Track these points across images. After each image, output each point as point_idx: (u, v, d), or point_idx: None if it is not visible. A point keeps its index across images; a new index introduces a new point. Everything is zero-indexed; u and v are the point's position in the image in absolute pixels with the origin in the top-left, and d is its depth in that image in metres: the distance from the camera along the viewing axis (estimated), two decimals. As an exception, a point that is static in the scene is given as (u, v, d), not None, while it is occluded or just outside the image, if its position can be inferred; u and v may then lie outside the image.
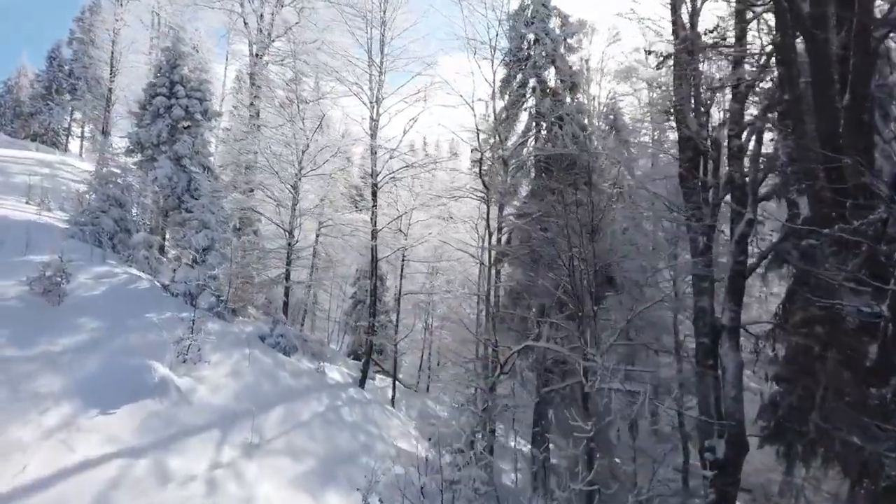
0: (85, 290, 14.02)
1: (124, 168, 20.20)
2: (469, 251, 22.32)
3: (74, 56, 56.02)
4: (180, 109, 22.93)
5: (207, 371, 13.02)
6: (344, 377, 19.21)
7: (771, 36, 16.89)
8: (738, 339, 15.68)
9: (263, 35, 26.40)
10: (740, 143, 16.22)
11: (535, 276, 18.19)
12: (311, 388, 15.71)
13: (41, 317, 11.99)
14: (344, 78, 21.07)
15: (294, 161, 21.29)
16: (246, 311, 19.94)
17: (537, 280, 17.86)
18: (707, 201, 16.64)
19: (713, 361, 15.94)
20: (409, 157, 22.75)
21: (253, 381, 13.91)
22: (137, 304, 14.78)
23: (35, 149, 42.51)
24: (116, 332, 12.75)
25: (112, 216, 18.74)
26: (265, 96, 26.62)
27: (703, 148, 16.62)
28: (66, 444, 8.51)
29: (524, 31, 24.41)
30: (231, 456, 10.34)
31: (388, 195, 22.52)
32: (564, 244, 14.80)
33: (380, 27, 21.12)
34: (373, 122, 21.11)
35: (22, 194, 23.09)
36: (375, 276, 20.72)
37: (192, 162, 22.56)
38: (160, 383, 11.09)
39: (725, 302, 15.89)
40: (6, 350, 10.38)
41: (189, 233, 17.67)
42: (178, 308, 15.74)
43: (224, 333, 15.86)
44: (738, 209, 15.85)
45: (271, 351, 16.78)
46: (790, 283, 16.71)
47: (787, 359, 16.05)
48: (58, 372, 10.44)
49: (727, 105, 18.43)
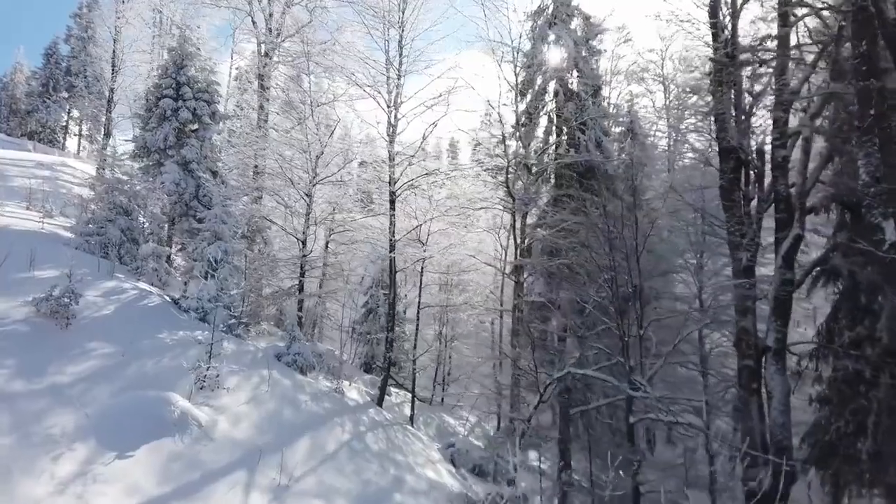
0: (94, 310, 13.14)
1: (131, 174, 19.24)
2: (490, 262, 21.46)
3: (72, 53, 54.97)
4: (188, 112, 22.03)
5: (226, 398, 12.13)
6: (362, 395, 18.33)
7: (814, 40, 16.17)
8: (784, 361, 14.86)
9: (272, 34, 25.45)
10: (785, 154, 15.40)
11: (567, 292, 17.31)
12: (333, 412, 14.83)
13: (49, 342, 11.10)
14: (361, 80, 20.08)
15: (308, 167, 20.33)
16: (258, 325, 19.05)
17: (569, 296, 16.97)
18: (749, 214, 15.81)
19: (757, 385, 15.11)
20: (428, 164, 21.77)
21: (274, 407, 13.03)
22: (149, 323, 13.89)
23: (32, 147, 41.56)
24: (129, 357, 11.86)
25: (119, 225, 17.85)
26: (274, 98, 25.71)
27: (746, 158, 15.78)
28: (84, 501, 7.60)
29: (546, 33, 23.51)
30: (260, 502, 9.45)
31: (405, 203, 21.54)
32: (606, 260, 13.89)
33: (398, 27, 20.16)
34: (390, 127, 20.17)
35: (22, 199, 22.21)
36: (394, 289, 19.75)
37: (200, 167, 21.67)
38: (180, 418, 10.20)
39: (770, 322, 15.06)
40: (13, 384, 9.48)
41: (201, 244, 16.73)
42: (191, 325, 14.89)
43: (240, 353, 14.98)
44: (783, 223, 15.04)
45: (288, 370, 15.90)
46: (835, 301, 15.91)
47: (833, 380, 15.27)
48: (69, 407, 9.54)
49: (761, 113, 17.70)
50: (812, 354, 15.99)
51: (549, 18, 23.81)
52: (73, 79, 54.30)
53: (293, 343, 16.77)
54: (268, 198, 23.78)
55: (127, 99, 33.64)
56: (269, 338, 18.68)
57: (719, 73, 16.10)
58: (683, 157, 25.76)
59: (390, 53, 20.28)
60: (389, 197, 19.86)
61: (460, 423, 23.85)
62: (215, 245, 16.60)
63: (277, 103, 25.09)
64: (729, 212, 15.73)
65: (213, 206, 18.46)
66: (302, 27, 24.03)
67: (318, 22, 24.75)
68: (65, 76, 55.08)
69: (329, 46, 22.30)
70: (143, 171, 21.54)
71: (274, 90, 25.68)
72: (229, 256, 16.90)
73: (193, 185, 21.57)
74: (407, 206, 21.63)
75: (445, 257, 22.71)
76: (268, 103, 25.04)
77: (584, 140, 21.91)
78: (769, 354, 14.88)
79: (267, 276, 21.35)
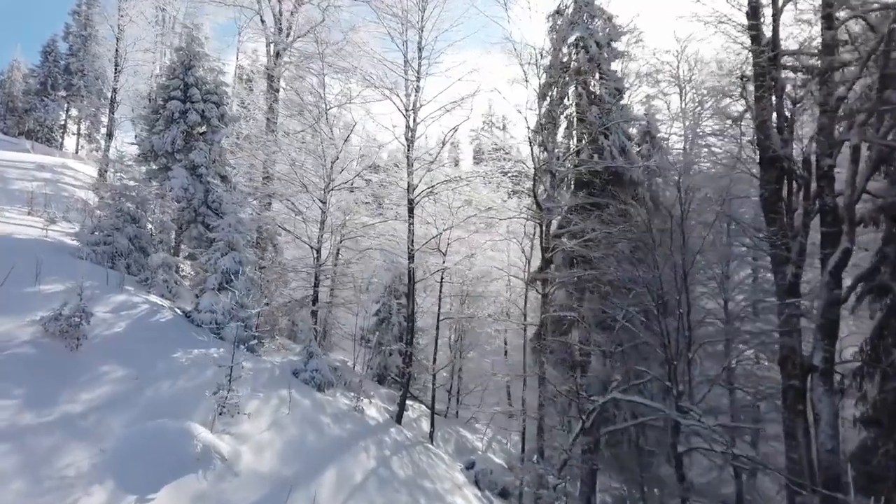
0: (105, 328, 12.30)
1: (139, 179, 18.37)
2: (514, 273, 20.63)
3: (71, 51, 53.98)
4: (196, 114, 21.23)
5: (247, 425, 11.33)
6: (380, 412, 17.52)
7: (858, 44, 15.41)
8: (832, 382, 14.12)
9: (283, 34, 24.60)
10: (831, 163, 14.66)
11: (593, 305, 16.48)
12: (355, 435, 14.03)
13: (58, 366, 10.27)
14: (379, 82, 19.23)
15: (323, 173, 19.50)
16: (272, 338, 18.24)
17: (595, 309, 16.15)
18: (792, 226, 15.08)
19: (803, 406, 14.36)
20: (447, 170, 20.95)
21: (296, 433, 12.23)
22: (163, 341, 13.08)
23: (31, 147, 40.60)
24: (144, 380, 11.04)
25: (127, 234, 16.99)
26: (283, 100, 24.82)
27: (789, 167, 15.04)
28: (106, 558, 6.80)
29: (567, 33, 22.70)
30: (295, 547, 8.66)
31: (422, 209, 20.70)
32: (650, 275, 13.06)
33: (417, 28, 19.34)
34: (409, 132, 19.35)
35: (23, 203, 21.34)
36: (412, 301, 18.88)
37: (209, 171, 20.85)
38: (203, 452, 9.38)
39: (816, 340, 14.32)
40: (23, 417, 8.65)
41: (214, 255, 15.89)
42: (205, 342, 14.13)
43: (256, 372, 14.14)
44: (830, 236, 14.29)
45: (306, 388, 15.11)
46: (881, 318, 15.17)
47: (881, 401, 14.54)
48: (83, 442, 8.73)
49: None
50: (856, 373, 15.28)
51: (571, 18, 23.01)
52: (71, 77, 53.33)
53: (310, 359, 15.97)
54: (277, 203, 22.96)
55: (129, 99, 32.72)
56: (283, 352, 17.85)
57: (761, 78, 15.36)
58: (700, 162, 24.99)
59: (409, 54, 19.48)
60: (408, 205, 19.02)
61: (477, 437, 23.07)
62: (229, 256, 15.77)
63: (287, 105, 24.21)
64: (772, 224, 14.99)
65: (225, 214, 17.63)
66: (314, 26, 23.14)
67: (330, 21, 23.89)
68: (63, 74, 54.10)
69: (342, 46, 21.47)
70: (150, 176, 20.70)
71: (283, 91, 24.81)
72: (244, 268, 16.07)
73: (202, 190, 20.75)
74: (424, 213, 20.80)
75: (465, 267, 21.88)
76: (277, 105, 24.19)
77: (608, 145, 21.12)
78: (815, 374, 14.15)
79: (279, 286, 20.51)
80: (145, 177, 20.45)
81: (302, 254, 23.75)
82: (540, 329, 18.11)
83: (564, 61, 22.61)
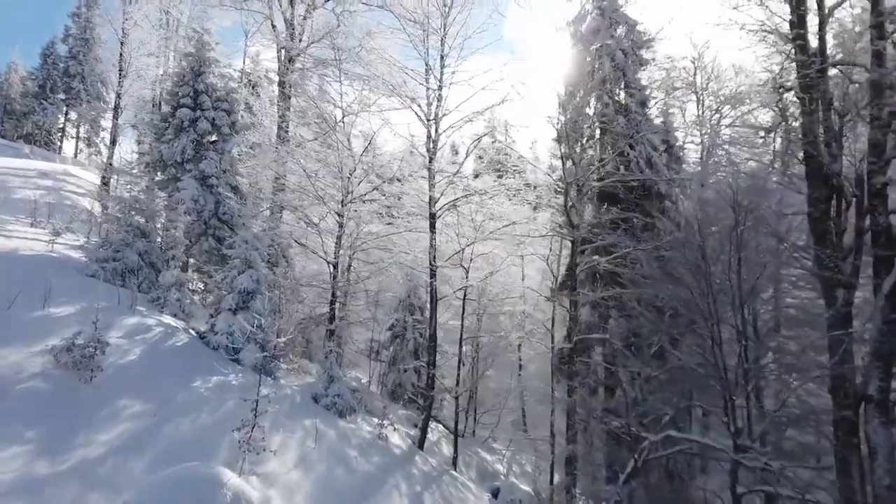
0: (119, 355, 11.46)
1: (149, 192, 17.52)
2: (536, 289, 19.83)
3: (70, 53, 53.10)
4: (206, 122, 20.39)
5: (273, 463, 10.52)
6: (403, 439, 16.68)
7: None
8: (889, 413, 13.31)
9: (296, 39, 23.76)
10: (884, 180, 13.87)
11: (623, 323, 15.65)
12: (383, 468, 13.21)
13: (73, 403, 9.47)
14: (400, 91, 18.43)
15: (340, 185, 18.68)
16: (288, 359, 17.40)
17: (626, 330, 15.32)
18: (841, 247, 14.28)
19: (857, 440, 13.55)
20: (471, 183, 20.14)
21: (325, 470, 11.42)
22: (180, 368, 12.28)
23: (30, 152, 39.68)
24: (163, 416, 10.21)
25: (136, 249, 16.16)
26: (295, 107, 23.99)
27: (839, 185, 14.27)
28: None
29: (589, 41, 21.94)
30: None
31: (443, 222, 19.86)
32: (705, 308, 12.20)
33: (439, 34, 18.54)
34: (430, 142, 18.56)
35: (26, 214, 20.49)
36: (434, 319, 17.98)
37: (219, 182, 20.01)
38: (233, 502, 8.54)
39: (870, 368, 13.52)
40: (37, 466, 7.83)
41: (230, 273, 15.05)
42: (223, 366, 13.34)
43: (278, 399, 13.29)
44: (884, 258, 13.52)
45: (329, 415, 14.30)
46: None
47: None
48: (103, 492, 7.93)
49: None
50: (907, 401, 14.48)
51: (593, 25, 22.26)
52: (71, 80, 52.45)
53: (331, 383, 15.15)
54: (288, 215, 22.10)
55: (133, 104, 31.85)
56: (301, 374, 17.01)
57: (808, 90, 14.59)
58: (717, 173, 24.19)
59: (430, 62, 18.68)
60: (430, 219, 18.20)
61: (496, 458, 22.24)
62: (246, 274, 14.93)
63: (300, 113, 23.38)
64: (820, 244, 14.19)
65: (239, 229, 16.82)
66: (329, 31, 22.33)
67: (344, 27, 23.07)
68: (62, 77, 53.20)
69: (358, 52, 20.63)
70: (158, 187, 19.84)
71: (295, 99, 23.95)
72: (262, 287, 15.23)
73: (213, 201, 19.90)
74: (444, 226, 19.97)
75: (487, 283, 21.06)
76: (289, 112, 23.35)
77: (635, 156, 20.36)
78: (870, 405, 13.35)
79: (293, 302, 19.65)
80: (154, 187, 19.60)
81: (314, 266, 22.90)
82: (571, 350, 17.25)
83: (587, 70, 21.84)
